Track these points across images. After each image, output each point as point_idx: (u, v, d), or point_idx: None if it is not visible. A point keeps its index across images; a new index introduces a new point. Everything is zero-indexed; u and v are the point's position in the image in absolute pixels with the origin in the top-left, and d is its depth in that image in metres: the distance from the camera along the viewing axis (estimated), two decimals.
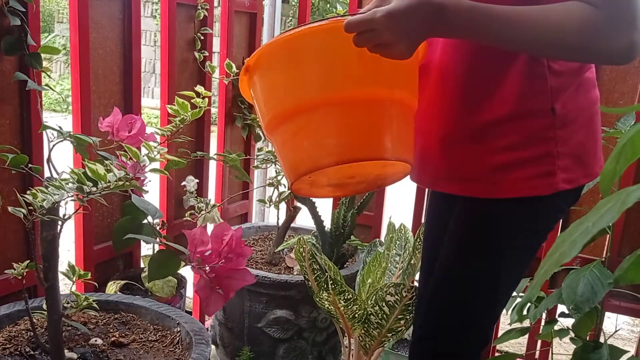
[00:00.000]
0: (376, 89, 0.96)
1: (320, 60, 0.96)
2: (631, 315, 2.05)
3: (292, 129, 0.97)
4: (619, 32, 0.87)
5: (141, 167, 0.94)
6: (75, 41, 1.56)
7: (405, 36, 0.88)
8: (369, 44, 0.89)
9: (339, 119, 0.95)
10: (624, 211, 0.45)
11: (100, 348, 1.31)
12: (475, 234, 1.09)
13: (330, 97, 0.95)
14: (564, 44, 0.89)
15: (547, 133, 1.00)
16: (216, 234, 0.97)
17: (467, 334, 1.14)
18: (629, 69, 1.82)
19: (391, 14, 0.86)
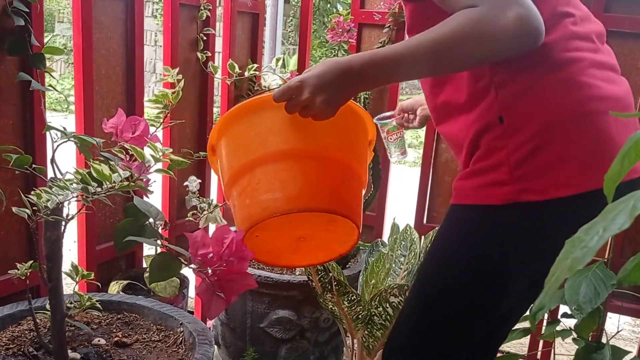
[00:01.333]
0: (309, 148, 1.06)
1: (258, 126, 1.07)
2: (633, 315, 2.05)
3: (239, 189, 1.07)
4: (502, 15, 0.89)
5: (146, 168, 0.94)
6: (79, 41, 1.56)
7: (322, 95, 0.97)
8: (296, 108, 1.00)
9: (275, 176, 1.04)
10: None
11: (104, 348, 1.31)
12: (438, 236, 1.14)
13: (265, 156, 1.05)
14: (456, 48, 0.93)
15: (500, 142, 1.00)
16: (217, 237, 0.97)
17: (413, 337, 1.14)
18: (631, 70, 1.82)
19: (303, 79, 0.99)
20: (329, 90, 0.97)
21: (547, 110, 0.98)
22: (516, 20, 0.89)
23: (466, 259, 1.07)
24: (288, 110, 1.01)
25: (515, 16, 0.88)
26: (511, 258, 1.04)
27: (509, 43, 0.92)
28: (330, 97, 0.98)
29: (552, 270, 0.50)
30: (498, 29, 0.90)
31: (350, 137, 1.12)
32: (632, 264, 0.65)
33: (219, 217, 1.98)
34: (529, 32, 0.90)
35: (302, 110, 1.01)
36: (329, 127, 1.04)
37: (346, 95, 1.01)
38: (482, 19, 0.90)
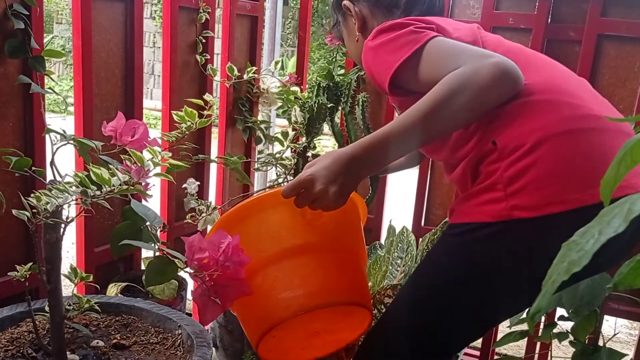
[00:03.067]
0: (323, 241, 1.07)
1: (267, 223, 1.08)
2: (630, 318, 2.06)
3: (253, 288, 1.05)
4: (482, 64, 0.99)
5: (145, 172, 0.95)
6: (78, 44, 1.56)
7: (335, 185, 1.01)
8: (307, 202, 1.03)
9: (293, 272, 1.05)
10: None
11: (102, 350, 1.31)
12: (431, 251, 1.17)
13: (279, 253, 1.05)
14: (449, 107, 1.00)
15: (495, 164, 1.04)
16: (213, 241, 0.97)
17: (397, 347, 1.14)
18: (628, 74, 1.83)
19: (312, 172, 1.03)
20: (340, 180, 1.01)
21: (539, 127, 1.01)
22: (494, 66, 0.98)
23: (454, 272, 1.08)
24: (298, 204, 1.04)
25: (493, 63, 0.98)
26: (502, 274, 1.05)
27: (492, 88, 1.00)
28: (342, 187, 1.02)
29: (549, 273, 0.51)
30: (480, 78, 0.98)
31: (352, 222, 1.14)
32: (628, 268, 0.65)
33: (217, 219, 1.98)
34: (507, 75, 0.99)
35: (313, 203, 1.03)
36: (334, 218, 1.05)
37: (355, 183, 1.05)
38: (464, 73, 0.99)
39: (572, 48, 1.86)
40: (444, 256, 1.12)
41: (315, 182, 1.02)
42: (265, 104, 2.21)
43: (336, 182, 1.01)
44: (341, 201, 1.03)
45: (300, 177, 1.04)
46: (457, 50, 1.05)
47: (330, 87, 1.87)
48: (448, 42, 1.08)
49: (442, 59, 1.05)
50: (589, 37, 1.82)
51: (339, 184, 1.01)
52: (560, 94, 1.06)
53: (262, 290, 1.05)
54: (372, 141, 1.03)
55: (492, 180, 1.03)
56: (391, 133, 1.02)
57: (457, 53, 1.04)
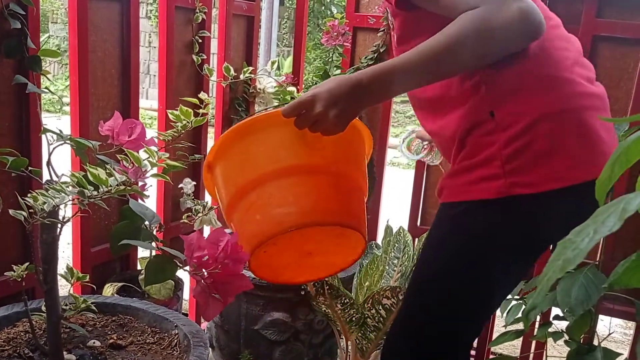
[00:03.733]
0: (321, 163, 1.07)
1: (266, 142, 1.08)
2: (624, 318, 2.07)
3: (246, 205, 1.07)
4: (504, 9, 0.92)
5: (143, 172, 0.95)
6: (74, 44, 1.56)
7: (335, 109, 0.99)
8: (307, 124, 1.02)
9: (288, 190, 1.05)
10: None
11: (99, 350, 1.31)
12: (434, 233, 1.15)
13: (276, 171, 1.05)
14: (461, 49, 0.96)
15: (490, 137, 1.03)
16: (212, 239, 0.97)
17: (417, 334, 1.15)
18: (623, 75, 1.84)
19: (315, 93, 1.00)
20: (341, 105, 0.99)
21: (538, 105, 1.01)
22: (518, 14, 0.92)
23: (464, 254, 1.08)
24: (298, 125, 1.03)
25: (517, 10, 0.92)
26: (506, 250, 1.07)
27: (512, 37, 0.95)
28: (343, 111, 1.00)
29: (544, 270, 0.52)
30: (501, 24, 0.93)
31: (355, 151, 1.14)
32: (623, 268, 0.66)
33: (213, 219, 1.98)
34: (531, 25, 0.94)
35: (313, 125, 1.02)
36: (336, 142, 1.05)
37: (357, 109, 1.03)
38: (484, 17, 0.93)
39: None
40: (449, 239, 1.11)
41: (315, 103, 1.00)
42: (262, 104, 2.21)
43: (337, 105, 0.99)
44: (341, 126, 1.02)
45: (301, 97, 1.02)
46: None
47: None
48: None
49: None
50: (584, 38, 1.83)
51: (339, 108, 1.00)
52: (561, 69, 1.05)
53: (257, 207, 1.07)
54: (379, 71, 1.01)
55: (487, 155, 1.02)
56: (399, 66, 1.00)
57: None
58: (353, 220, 1.08)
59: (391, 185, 2.49)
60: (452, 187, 1.09)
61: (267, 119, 1.08)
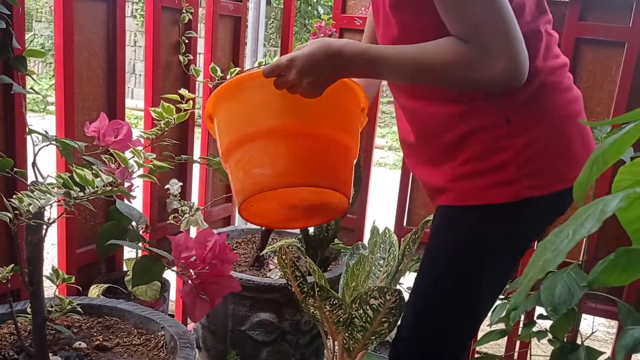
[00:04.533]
0: (297, 124, 1.08)
1: (248, 102, 1.10)
2: (607, 317, 2.09)
3: (234, 161, 1.11)
4: (492, 61, 0.93)
5: (129, 173, 0.95)
6: (60, 44, 1.55)
7: (309, 76, 1.00)
8: (284, 86, 1.03)
9: (264, 151, 1.07)
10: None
11: (84, 352, 1.31)
12: (442, 238, 1.16)
13: (255, 132, 1.08)
14: (441, 77, 0.98)
15: (504, 142, 1.04)
16: (199, 239, 0.98)
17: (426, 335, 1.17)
18: (606, 77, 1.87)
19: (293, 58, 1.01)
20: (316, 72, 1.00)
21: (550, 111, 1.06)
22: (503, 74, 0.93)
23: (472, 256, 1.11)
24: (277, 87, 1.04)
25: (503, 69, 0.93)
26: (514, 251, 1.13)
27: (490, 87, 1.00)
28: (317, 79, 1.01)
29: (525, 271, 0.53)
30: (484, 78, 0.95)
31: (341, 111, 1.14)
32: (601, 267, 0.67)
33: (200, 220, 1.98)
34: (511, 82, 0.96)
35: (290, 88, 1.03)
36: (318, 103, 1.05)
37: (332, 79, 1.03)
38: (469, 64, 0.94)
39: None
40: (464, 243, 1.12)
41: (291, 68, 1.01)
42: None
43: (312, 72, 1.00)
44: (316, 91, 1.02)
45: (280, 60, 1.03)
46: (493, 9, 0.93)
47: None
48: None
49: (475, 4, 0.94)
50: (567, 40, 1.85)
51: (314, 75, 1.00)
52: (561, 76, 1.10)
53: (240, 165, 1.10)
54: (364, 52, 1.01)
55: (502, 160, 1.04)
56: (383, 58, 1.00)
57: (489, 12, 0.93)
58: (328, 180, 1.09)
59: (377, 185, 2.50)
60: (460, 190, 1.09)
61: (250, 79, 1.10)
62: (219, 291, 1.00)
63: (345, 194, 1.11)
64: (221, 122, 1.15)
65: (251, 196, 1.07)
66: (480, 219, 1.09)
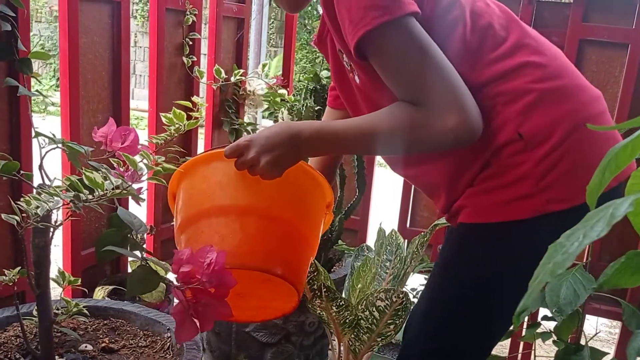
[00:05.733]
0: (253, 205, 1.08)
1: (209, 180, 1.11)
2: (610, 318, 2.10)
3: (184, 238, 1.10)
4: (441, 121, 0.93)
5: (139, 176, 0.95)
6: (65, 46, 1.55)
7: (267, 156, 1.02)
8: (244, 166, 1.04)
9: (215, 230, 1.07)
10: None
11: (91, 354, 1.31)
12: (453, 258, 1.11)
13: (210, 209, 1.08)
14: (396, 142, 0.99)
15: (520, 157, 1.00)
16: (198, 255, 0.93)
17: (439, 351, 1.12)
18: (609, 79, 1.87)
19: (252, 138, 1.04)
20: (274, 152, 1.02)
21: (562, 118, 1.00)
22: (452, 132, 0.93)
23: (492, 276, 1.06)
24: (237, 167, 1.06)
25: (453, 126, 0.93)
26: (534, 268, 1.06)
27: (443, 147, 1.00)
28: (275, 159, 1.02)
29: (535, 273, 0.53)
30: (436, 137, 0.95)
31: (301, 199, 1.13)
32: (612, 269, 0.67)
33: None
34: (463, 141, 0.96)
35: (250, 168, 1.04)
36: (278, 187, 1.06)
37: (291, 159, 1.04)
38: (421, 125, 0.95)
39: None
40: (473, 264, 1.07)
41: (250, 148, 1.03)
42: (252, 106, 2.22)
43: (271, 152, 1.02)
44: (274, 172, 1.03)
45: (239, 141, 1.06)
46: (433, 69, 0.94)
47: (317, 89, 1.89)
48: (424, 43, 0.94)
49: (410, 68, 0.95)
50: (570, 42, 1.86)
51: (274, 155, 1.02)
52: (570, 76, 1.04)
53: (190, 242, 1.09)
54: (321, 131, 1.04)
55: (519, 175, 1.00)
56: (337, 134, 1.02)
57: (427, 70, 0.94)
58: (278, 267, 1.05)
59: (380, 186, 2.50)
60: (478, 207, 1.05)
61: (213, 157, 1.10)
62: (210, 315, 0.94)
63: (295, 285, 1.07)
64: (180, 199, 1.15)
65: None
66: (503, 236, 1.04)
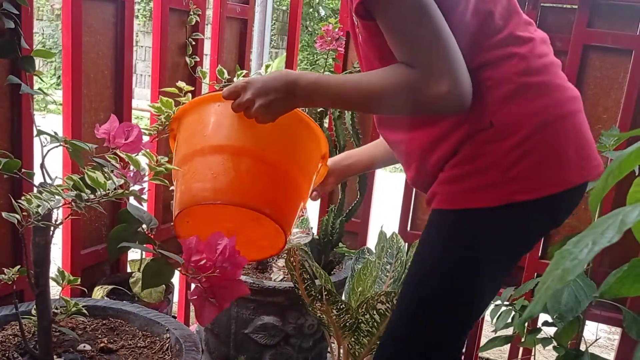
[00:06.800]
0: (246, 147, 1.11)
1: (205, 120, 1.14)
2: (610, 324, 2.09)
3: (179, 176, 1.15)
4: (434, 86, 0.96)
5: (141, 176, 0.95)
6: (68, 44, 1.55)
7: (263, 99, 1.04)
8: (240, 108, 1.08)
9: (209, 168, 1.10)
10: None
11: (89, 354, 1.30)
12: (427, 243, 1.14)
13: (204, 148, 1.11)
14: (388, 101, 1.02)
15: (490, 146, 1.03)
16: (210, 242, 0.97)
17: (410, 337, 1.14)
18: (613, 84, 1.87)
19: (250, 80, 1.07)
20: (269, 97, 1.05)
21: (534, 112, 1.03)
22: (445, 95, 0.96)
23: (460, 261, 1.09)
24: (234, 109, 1.09)
25: (445, 91, 0.96)
26: (503, 256, 1.10)
27: (433, 111, 1.04)
28: (270, 103, 1.05)
29: (542, 279, 0.52)
30: (427, 101, 0.98)
31: (294, 146, 1.17)
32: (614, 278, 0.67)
33: None
34: (453, 107, 0.99)
35: (245, 111, 1.07)
36: (272, 132, 1.09)
37: (285, 106, 1.07)
38: (415, 87, 0.98)
39: (558, 58, 1.89)
40: (447, 247, 1.11)
41: (246, 90, 1.06)
42: None
43: (266, 96, 1.04)
44: (267, 117, 1.06)
45: (237, 82, 1.09)
46: (432, 33, 0.96)
47: None
48: (428, 8, 0.96)
49: (410, 30, 0.97)
50: (574, 47, 1.85)
51: (269, 99, 1.04)
52: (551, 74, 1.07)
53: (184, 179, 1.13)
54: (317, 81, 1.05)
55: (486, 164, 1.03)
56: (334, 87, 1.04)
57: (428, 35, 0.96)
58: (266, 206, 1.09)
59: (381, 189, 2.50)
60: (448, 194, 1.08)
61: (211, 99, 1.14)
62: (228, 295, 0.99)
63: (282, 226, 1.10)
64: (179, 139, 1.18)
65: (187, 208, 1.09)
66: (467, 222, 1.08)
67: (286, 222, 1.12)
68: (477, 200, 1.04)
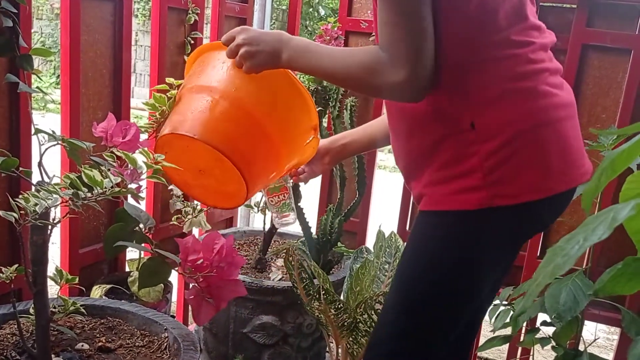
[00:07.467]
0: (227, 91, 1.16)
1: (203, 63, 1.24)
2: (609, 324, 2.09)
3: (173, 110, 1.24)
4: (393, 74, 0.99)
5: (138, 174, 0.95)
6: (66, 43, 1.54)
7: (251, 46, 1.10)
8: (230, 53, 1.14)
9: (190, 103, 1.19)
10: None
11: (87, 353, 1.30)
12: (413, 242, 1.15)
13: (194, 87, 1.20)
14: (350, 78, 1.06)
15: (471, 148, 1.03)
16: (206, 242, 0.97)
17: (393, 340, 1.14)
18: (612, 84, 1.87)
19: (247, 27, 1.14)
20: (257, 47, 1.10)
21: (517, 118, 1.02)
22: (400, 84, 0.99)
23: (442, 262, 1.09)
24: (227, 54, 1.15)
25: (400, 81, 0.98)
26: (484, 259, 1.09)
27: (390, 96, 1.09)
28: (255, 53, 1.10)
29: (534, 276, 0.53)
30: (385, 85, 1.01)
31: (280, 105, 1.22)
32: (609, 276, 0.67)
33: (203, 221, 1.97)
34: (401, 98, 1.04)
35: (238, 58, 1.13)
36: (259, 85, 1.16)
37: (268, 61, 1.11)
38: (377, 70, 1.01)
39: (557, 57, 1.87)
40: (427, 249, 1.11)
41: (239, 34, 1.12)
42: None
43: (256, 45, 1.10)
44: (249, 65, 1.11)
45: (236, 28, 1.15)
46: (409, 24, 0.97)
47: (319, 91, 1.88)
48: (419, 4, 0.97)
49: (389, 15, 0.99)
50: (573, 46, 1.85)
51: (254, 48, 1.10)
52: (539, 81, 1.05)
53: (174, 111, 1.22)
54: (306, 47, 1.09)
55: (468, 167, 1.03)
56: (317, 56, 1.08)
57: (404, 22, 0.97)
58: (233, 152, 1.13)
59: (379, 188, 2.49)
60: (432, 196, 1.09)
61: (216, 46, 1.21)
62: (225, 295, 0.99)
63: (244, 175, 1.14)
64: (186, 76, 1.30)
65: (163, 135, 1.16)
66: (448, 224, 1.08)
67: (249, 173, 1.16)
68: (458, 203, 1.04)
